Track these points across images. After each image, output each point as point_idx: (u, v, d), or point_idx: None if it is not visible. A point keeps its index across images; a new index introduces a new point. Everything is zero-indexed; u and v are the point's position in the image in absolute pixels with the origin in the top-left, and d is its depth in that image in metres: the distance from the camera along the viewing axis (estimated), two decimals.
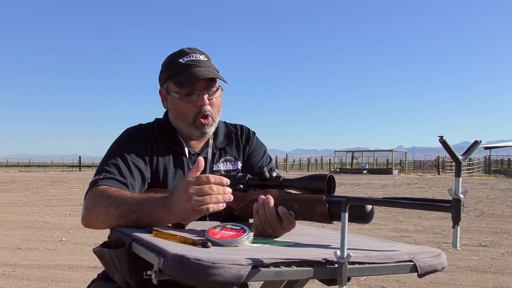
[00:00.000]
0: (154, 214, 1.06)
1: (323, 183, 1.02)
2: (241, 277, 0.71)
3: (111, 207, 1.11)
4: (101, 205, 1.13)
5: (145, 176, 1.29)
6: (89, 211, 1.16)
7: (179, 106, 1.35)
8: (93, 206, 1.15)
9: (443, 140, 0.71)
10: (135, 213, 1.08)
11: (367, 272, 0.80)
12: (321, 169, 44.44)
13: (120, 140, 1.35)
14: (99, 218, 1.13)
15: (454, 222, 0.71)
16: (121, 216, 1.09)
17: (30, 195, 11.62)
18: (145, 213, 1.07)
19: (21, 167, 42.86)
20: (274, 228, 1.03)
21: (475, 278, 3.71)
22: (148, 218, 1.07)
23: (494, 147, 33.85)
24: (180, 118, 1.36)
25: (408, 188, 14.91)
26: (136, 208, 1.08)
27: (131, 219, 1.08)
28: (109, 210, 1.11)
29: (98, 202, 1.14)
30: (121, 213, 1.09)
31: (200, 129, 1.35)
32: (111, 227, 1.12)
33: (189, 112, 1.34)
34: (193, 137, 1.38)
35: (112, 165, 1.25)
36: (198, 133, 1.35)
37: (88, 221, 1.16)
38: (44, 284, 3.55)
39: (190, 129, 1.35)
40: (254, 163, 1.44)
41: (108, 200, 1.13)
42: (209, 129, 1.37)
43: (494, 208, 8.82)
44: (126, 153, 1.28)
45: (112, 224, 1.11)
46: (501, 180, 21.53)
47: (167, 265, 0.73)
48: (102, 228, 1.14)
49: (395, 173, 28.98)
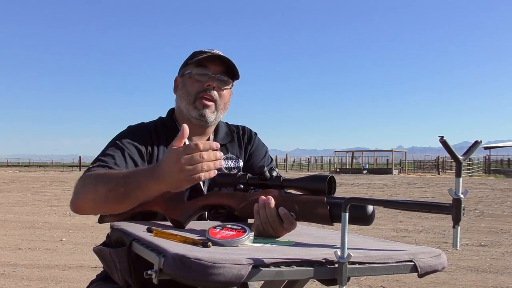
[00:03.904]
0: (143, 186, 1.04)
1: (324, 183, 1.02)
2: (242, 276, 0.71)
3: (100, 184, 1.09)
4: (90, 185, 1.12)
5: None
6: (77, 193, 1.14)
7: (187, 83, 1.36)
8: (82, 187, 1.14)
9: (443, 140, 0.71)
10: (123, 186, 1.06)
11: (367, 272, 0.80)
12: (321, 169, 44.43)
13: (119, 135, 1.35)
14: (87, 197, 1.11)
15: (454, 222, 0.71)
16: (110, 191, 1.07)
17: (30, 195, 11.62)
18: (134, 186, 1.05)
19: (21, 167, 42.83)
20: (274, 229, 1.03)
21: (475, 278, 3.72)
22: (137, 190, 1.05)
23: (494, 147, 33.85)
24: (183, 97, 1.36)
25: (408, 188, 14.90)
26: (124, 181, 1.06)
27: (119, 193, 1.06)
28: (98, 188, 1.09)
29: (87, 182, 1.13)
30: (110, 187, 1.07)
31: (199, 109, 1.33)
32: (100, 207, 1.11)
33: (194, 88, 1.34)
34: (192, 120, 1.35)
35: (108, 155, 1.25)
36: (196, 114, 1.33)
37: (77, 204, 1.14)
38: (44, 284, 3.55)
39: (189, 108, 1.34)
40: (254, 163, 1.44)
41: (97, 179, 1.12)
42: (209, 115, 1.34)
43: (494, 208, 8.82)
44: (123, 146, 1.28)
45: (101, 202, 1.09)
46: (501, 180, 21.53)
47: (168, 265, 0.73)
48: (91, 209, 1.13)
49: (395, 173, 28.97)
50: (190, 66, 1.36)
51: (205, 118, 1.34)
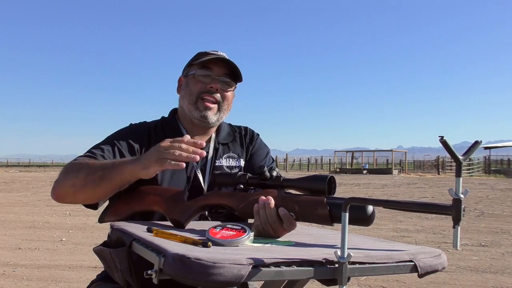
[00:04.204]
0: (117, 165, 1.11)
1: (324, 184, 1.02)
2: (242, 276, 0.71)
3: (80, 171, 1.14)
4: (71, 172, 1.16)
5: None
6: (58, 181, 1.18)
7: (190, 83, 1.37)
8: (63, 175, 1.18)
9: (444, 140, 0.71)
10: (101, 170, 1.11)
11: (367, 272, 0.80)
12: (321, 169, 44.43)
13: (118, 131, 1.37)
14: (67, 183, 1.15)
15: (454, 222, 0.71)
16: (88, 175, 1.12)
17: (30, 195, 11.61)
18: (109, 167, 1.11)
19: (21, 167, 42.83)
20: (274, 229, 1.03)
21: (475, 278, 3.72)
22: (112, 171, 1.10)
23: (494, 147, 33.84)
24: (185, 97, 1.37)
25: (408, 188, 14.90)
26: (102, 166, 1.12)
27: (97, 176, 1.11)
28: (78, 174, 1.14)
29: (68, 170, 1.17)
30: (88, 172, 1.12)
31: (200, 110, 1.34)
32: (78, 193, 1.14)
33: (196, 89, 1.35)
34: (194, 120, 1.37)
35: (98, 148, 1.28)
36: (198, 115, 1.35)
37: (56, 190, 1.17)
38: (44, 284, 3.55)
39: (191, 109, 1.35)
40: (255, 163, 1.44)
41: (78, 166, 1.16)
42: (211, 116, 1.35)
43: (494, 208, 8.82)
44: (117, 141, 1.30)
45: (79, 187, 1.13)
46: (501, 180, 21.53)
47: (168, 265, 0.73)
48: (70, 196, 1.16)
49: (395, 173, 28.97)
50: (194, 67, 1.36)
51: (207, 119, 1.35)
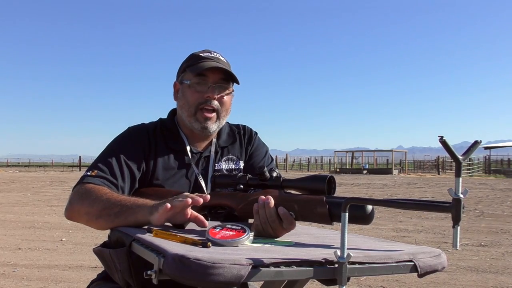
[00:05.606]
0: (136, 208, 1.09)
1: (324, 184, 1.02)
2: (241, 277, 0.71)
3: (96, 203, 1.14)
4: (86, 200, 1.16)
5: (135, 178, 1.31)
6: (73, 203, 1.19)
7: (187, 93, 1.35)
8: (79, 199, 1.18)
9: (443, 140, 0.71)
10: (118, 206, 1.11)
11: (367, 272, 0.80)
12: (321, 169, 44.43)
13: (118, 139, 1.36)
14: (82, 210, 1.17)
15: (454, 222, 0.71)
16: (104, 209, 1.12)
17: (30, 195, 11.61)
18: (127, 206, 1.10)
19: (21, 167, 42.83)
20: (274, 229, 1.03)
21: (475, 278, 3.71)
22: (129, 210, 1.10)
23: (494, 147, 33.84)
24: (184, 108, 1.36)
25: (408, 188, 14.90)
26: (120, 201, 1.12)
27: (113, 212, 1.11)
28: (94, 205, 1.14)
29: (84, 197, 1.17)
30: (105, 206, 1.12)
31: (200, 122, 1.34)
32: (91, 222, 1.15)
33: (194, 100, 1.34)
34: (194, 131, 1.37)
35: (105, 163, 1.27)
36: (198, 126, 1.34)
37: (70, 213, 1.20)
38: (44, 284, 3.55)
39: (190, 120, 1.35)
40: (255, 163, 1.44)
41: (97, 194, 1.16)
42: (211, 126, 1.35)
43: (494, 208, 8.82)
44: (121, 152, 1.30)
45: (94, 218, 1.14)
46: (501, 180, 21.53)
47: (167, 265, 0.73)
48: (82, 221, 1.18)
49: (395, 173, 28.96)
50: (189, 75, 1.35)
51: (208, 129, 1.35)
